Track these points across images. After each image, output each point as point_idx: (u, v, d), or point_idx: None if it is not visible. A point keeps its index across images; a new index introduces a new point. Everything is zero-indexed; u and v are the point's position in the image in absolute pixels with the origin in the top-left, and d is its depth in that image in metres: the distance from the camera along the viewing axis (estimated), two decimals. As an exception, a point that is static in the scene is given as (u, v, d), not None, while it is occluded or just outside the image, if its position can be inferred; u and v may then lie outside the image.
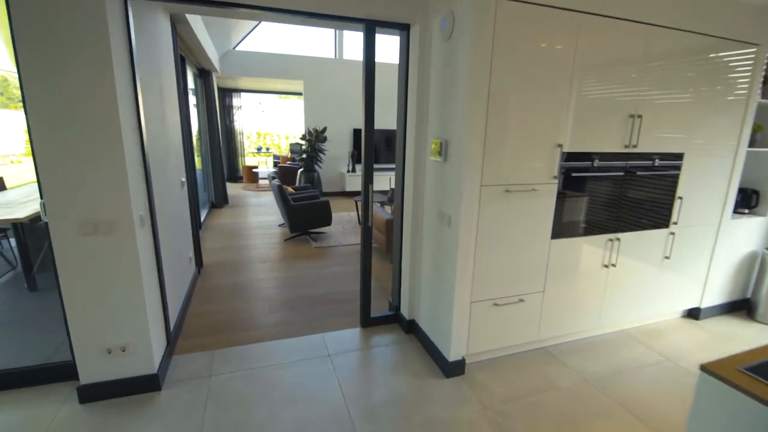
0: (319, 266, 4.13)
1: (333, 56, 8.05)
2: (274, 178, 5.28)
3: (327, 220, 5.05)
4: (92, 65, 1.70)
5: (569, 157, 2.24)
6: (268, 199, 7.71)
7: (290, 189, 5.60)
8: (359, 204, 6.05)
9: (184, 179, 3.31)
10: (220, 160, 6.77)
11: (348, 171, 8.07)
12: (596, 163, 2.32)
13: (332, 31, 8.03)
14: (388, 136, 8.24)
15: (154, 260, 2.24)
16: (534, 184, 2.19)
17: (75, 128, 1.74)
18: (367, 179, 2.56)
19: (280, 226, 5.70)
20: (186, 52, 4.65)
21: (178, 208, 3.06)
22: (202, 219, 5.57)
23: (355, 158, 8.08)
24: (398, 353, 2.55)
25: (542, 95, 2.08)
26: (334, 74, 7.87)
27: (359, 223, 5.91)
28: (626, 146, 2.37)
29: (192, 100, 6.12)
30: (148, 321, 2.04)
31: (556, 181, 2.23)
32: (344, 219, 6.13)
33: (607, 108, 2.26)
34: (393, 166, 8.05)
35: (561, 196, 2.29)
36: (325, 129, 7.57)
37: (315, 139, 7.49)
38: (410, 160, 2.57)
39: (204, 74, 6.25)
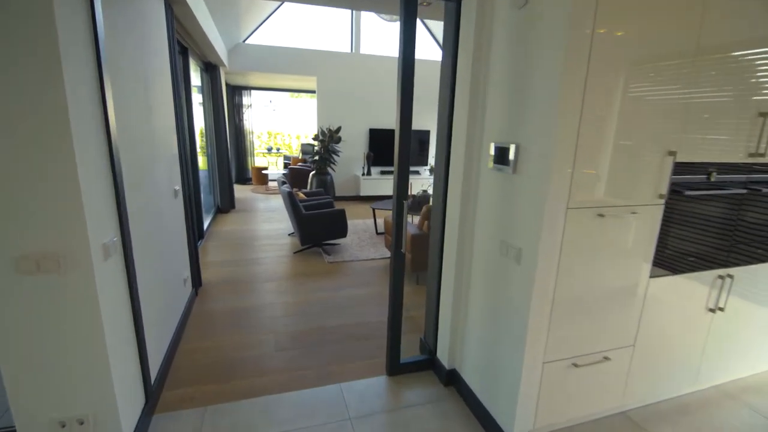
0: (334, 287, 3.59)
1: (349, 50, 7.52)
2: (284, 182, 4.75)
3: (342, 232, 4.51)
4: (30, 49, 1.19)
5: (676, 169, 1.66)
6: (278, 202, 7.21)
7: (301, 194, 5.08)
8: (377, 211, 5.51)
9: (178, 187, 2.80)
10: (227, 161, 6.28)
11: (363, 174, 7.53)
12: (713, 177, 1.73)
13: (348, 23, 7.50)
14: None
15: (128, 299, 1.73)
16: (634, 206, 1.61)
17: (5, 132, 1.23)
18: (401, 193, 2.02)
19: (289, 235, 5.19)
20: (188, 43, 4.16)
21: (169, 222, 2.55)
22: (205, 226, 5.09)
23: (371, 160, 7.53)
24: (438, 417, 1.99)
25: (653, 86, 1.50)
26: (350, 70, 7.33)
27: (377, 233, 5.36)
28: (751, 155, 1.78)
29: (198, 98, 5.66)
30: (114, 384, 1.53)
31: (663, 201, 1.66)
32: (359, 228, 5.59)
33: (731, 104, 1.67)
34: (415, 168, 7.69)
35: (665, 221, 1.71)
36: (339, 129, 7.04)
37: (328, 139, 6.96)
38: (457, 169, 2.01)
39: (210, 69, 5.77)
